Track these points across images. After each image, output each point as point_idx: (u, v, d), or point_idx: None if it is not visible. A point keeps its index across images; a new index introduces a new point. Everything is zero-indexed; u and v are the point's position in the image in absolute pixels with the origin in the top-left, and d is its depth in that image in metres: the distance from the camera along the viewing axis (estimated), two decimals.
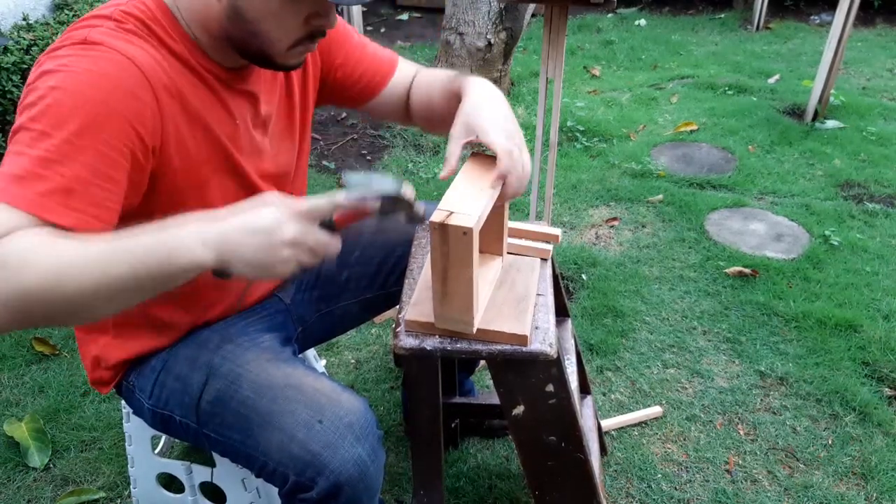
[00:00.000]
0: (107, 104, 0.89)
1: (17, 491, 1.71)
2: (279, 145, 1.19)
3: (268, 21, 0.96)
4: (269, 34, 0.97)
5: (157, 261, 0.83)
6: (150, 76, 0.93)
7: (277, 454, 1.06)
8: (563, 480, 1.21)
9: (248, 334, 1.23)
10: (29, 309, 0.79)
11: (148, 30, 0.97)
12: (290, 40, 0.99)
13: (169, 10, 0.99)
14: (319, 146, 3.50)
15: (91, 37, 0.91)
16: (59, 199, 0.84)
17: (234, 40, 0.99)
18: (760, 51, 4.91)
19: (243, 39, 0.98)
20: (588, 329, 2.21)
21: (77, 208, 0.85)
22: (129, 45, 0.93)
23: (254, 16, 0.95)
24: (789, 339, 2.19)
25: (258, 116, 1.13)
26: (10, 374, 2.04)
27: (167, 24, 0.98)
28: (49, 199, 0.84)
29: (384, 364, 2.10)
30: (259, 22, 0.95)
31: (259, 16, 0.95)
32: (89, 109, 0.87)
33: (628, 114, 3.82)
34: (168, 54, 0.98)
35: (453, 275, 0.96)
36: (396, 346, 1.05)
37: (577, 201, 2.96)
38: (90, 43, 0.91)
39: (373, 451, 1.08)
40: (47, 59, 0.91)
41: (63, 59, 0.90)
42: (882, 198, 3.01)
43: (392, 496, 1.70)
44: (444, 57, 3.67)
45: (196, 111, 1.02)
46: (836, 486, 1.72)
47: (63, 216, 0.84)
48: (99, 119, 0.88)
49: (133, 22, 0.96)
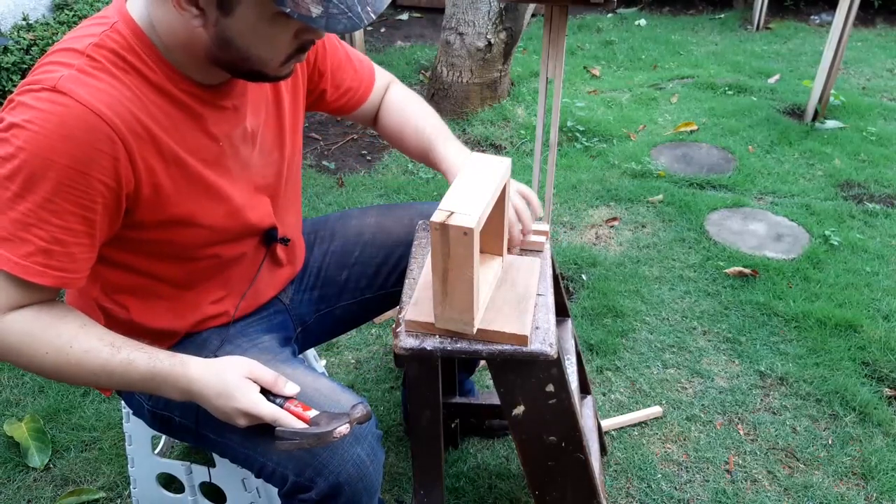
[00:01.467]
0: (76, 168, 0.90)
1: (17, 491, 1.71)
2: (268, 157, 1.17)
3: (258, 45, 0.94)
4: (261, 56, 0.95)
5: (142, 387, 1.02)
6: (118, 126, 0.92)
7: (276, 455, 1.06)
8: (563, 480, 1.21)
9: (248, 335, 1.23)
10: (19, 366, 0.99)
11: (123, 62, 0.95)
12: (281, 57, 0.97)
13: (146, 36, 0.96)
14: (319, 146, 3.50)
15: (60, 86, 0.90)
16: (39, 260, 0.92)
17: (223, 64, 0.97)
18: (760, 51, 4.91)
19: (234, 63, 0.97)
20: (588, 329, 2.21)
21: (56, 268, 0.94)
22: (100, 92, 0.91)
23: (243, 42, 0.93)
24: (789, 339, 2.19)
25: (245, 131, 1.11)
26: (10, 374, 2.04)
27: (143, 51, 0.96)
28: (31, 261, 0.92)
29: (384, 364, 2.10)
30: (249, 47, 0.94)
31: (249, 42, 0.93)
32: (59, 174, 0.89)
33: (628, 114, 3.82)
34: (144, 85, 0.96)
35: (454, 275, 0.96)
36: (397, 346, 1.05)
37: (577, 201, 2.96)
38: (59, 92, 0.89)
39: (372, 451, 1.08)
40: (18, 104, 0.91)
41: (32, 110, 0.89)
42: (882, 198, 3.01)
43: (392, 496, 1.70)
44: (444, 57, 3.67)
45: (170, 148, 1.00)
46: (836, 486, 1.72)
47: (44, 277, 0.93)
48: (69, 182, 0.90)
49: (106, 56, 0.94)
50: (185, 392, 1.02)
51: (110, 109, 0.92)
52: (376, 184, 3.10)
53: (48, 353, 0.95)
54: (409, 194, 3.02)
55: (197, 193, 1.05)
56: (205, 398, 1.01)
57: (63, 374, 0.97)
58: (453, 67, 3.64)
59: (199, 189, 1.05)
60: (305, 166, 3.30)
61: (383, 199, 3.00)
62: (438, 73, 3.70)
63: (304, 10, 0.85)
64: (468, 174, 1.03)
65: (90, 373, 0.97)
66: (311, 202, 2.94)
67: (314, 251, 1.44)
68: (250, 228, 1.17)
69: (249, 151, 1.12)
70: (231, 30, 0.91)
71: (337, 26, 0.87)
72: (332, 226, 1.46)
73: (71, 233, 0.93)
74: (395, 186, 3.07)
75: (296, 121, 1.23)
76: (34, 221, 0.90)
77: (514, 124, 3.63)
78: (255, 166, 1.14)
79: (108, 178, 0.93)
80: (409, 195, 3.01)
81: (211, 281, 1.18)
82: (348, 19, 0.87)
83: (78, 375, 0.98)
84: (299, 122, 1.24)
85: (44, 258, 0.92)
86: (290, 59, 0.99)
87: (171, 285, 1.14)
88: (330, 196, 2.99)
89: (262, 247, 1.22)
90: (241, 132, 1.10)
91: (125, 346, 0.99)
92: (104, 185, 0.93)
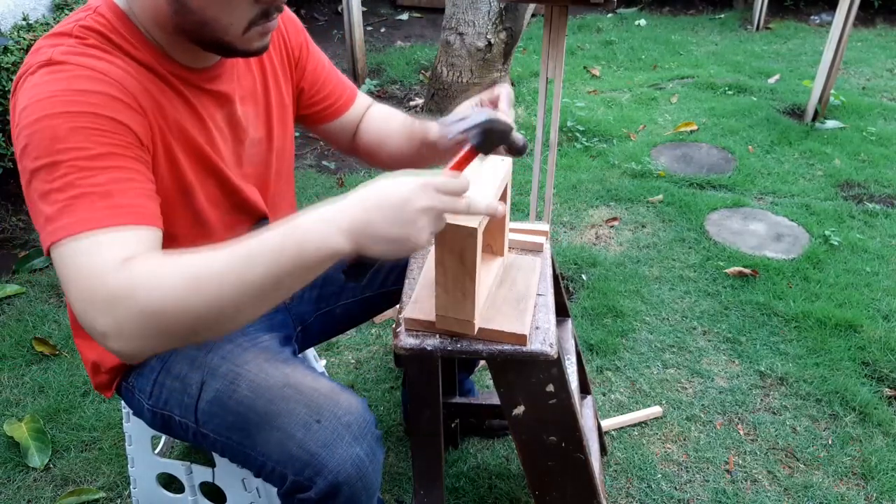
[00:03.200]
0: (97, 112, 0.87)
1: (17, 491, 1.71)
2: (255, 147, 1.17)
3: (213, 7, 0.90)
4: (219, 20, 0.92)
5: (290, 256, 0.82)
6: (124, 87, 0.91)
7: (276, 454, 1.06)
8: (563, 480, 1.21)
9: (248, 334, 1.23)
10: (168, 327, 0.81)
11: (110, 42, 0.94)
12: (242, 23, 0.94)
13: (127, 17, 0.96)
14: (319, 146, 3.50)
15: (54, 57, 0.88)
16: (104, 205, 0.85)
17: (187, 33, 0.95)
18: (760, 51, 4.91)
19: (194, 31, 0.94)
20: (588, 329, 2.21)
21: (124, 205, 0.86)
22: (97, 60, 0.91)
23: (198, 4, 0.90)
24: (789, 339, 2.19)
25: (233, 117, 1.11)
26: (10, 374, 2.04)
27: (127, 32, 0.96)
28: (100, 209, 0.84)
29: (384, 364, 2.10)
30: (204, 9, 0.91)
31: (203, 3, 0.90)
32: (82, 122, 0.86)
33: (628, 114, 3.82)
34: (135, 64, 0.95)
35: (457, 275, 0.96)
36: (397, 345, 1.05)
37: (577, 201, 2.96)
38: (55, 63, 0.88)
39: (371, 451, 1.08)
40: (20, 94, 0.89)
41: (35, 88, 0.87)
42: (882, 198, 3.01)
43: (392, 496, 1.70)
44: (444, 57, 3.67)
45: (174, 118, 1.00)
46: (836, 486, 1.72)
47: (121, 217, 0.85)
48: (96, 126, 0.87)
49: (94, 36, 0.93)
50: (343, 224, 0.83)
51: (112, 75, 0.91)
52: None
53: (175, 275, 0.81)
54: None
55: (199, 166, 1.06)
56: (365, 220, 0.83)
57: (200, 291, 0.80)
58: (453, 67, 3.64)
59: (201, 163, 1.06)
60: (305, 166, 3.30)
61: None
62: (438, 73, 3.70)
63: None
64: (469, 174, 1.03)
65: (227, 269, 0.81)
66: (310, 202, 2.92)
67: None
68: (245, 204, 1.17)
69: (236, 138, 1.13)
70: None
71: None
72: None
73: (120, 171, 0.88)
74: None
75: (284, 112, 1.22)
76: (79, 175, 0.85)
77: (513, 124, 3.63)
78: (241, 154, 1.15)
79: (131, 123, 0.91)
80: None
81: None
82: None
83: (218, 286, 0.80)
84: (288, 115, 1.24)
85: (105, 201, 0.85)
86: (255, 27, 0.95)
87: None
88: (330, 196, 2.97)
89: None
90: (227, 117, 1.10)
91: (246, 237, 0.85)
92: (130, 129, 0.90)
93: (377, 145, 1.31)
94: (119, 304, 0.80)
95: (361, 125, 1.35)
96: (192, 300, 0.80)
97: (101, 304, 0.80)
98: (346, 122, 1.33)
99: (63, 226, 0.83)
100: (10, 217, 2.78)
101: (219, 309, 0.81)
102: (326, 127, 1.33)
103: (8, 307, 2.31)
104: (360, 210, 0.84)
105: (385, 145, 1.30)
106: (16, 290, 2.37)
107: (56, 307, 2.31)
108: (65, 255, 0.83)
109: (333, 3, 5.37)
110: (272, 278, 0.82)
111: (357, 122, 1.35)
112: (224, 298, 0.81)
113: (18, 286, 2.39)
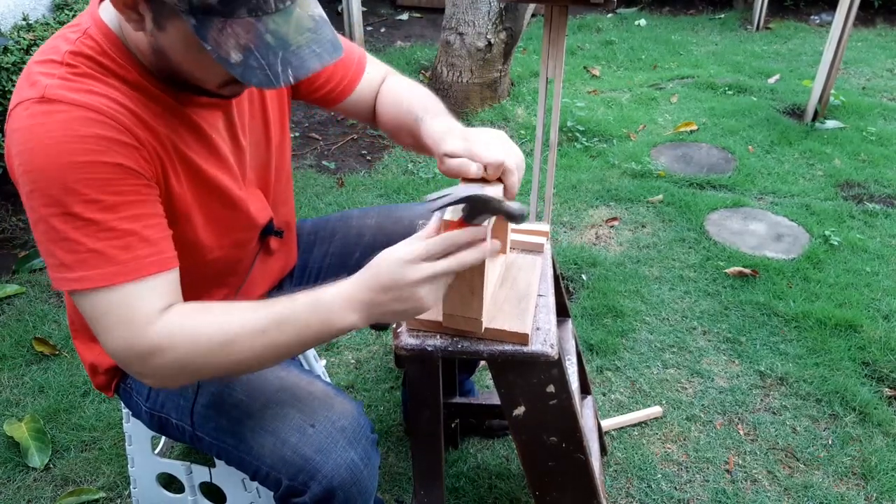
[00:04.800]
0: (101, 161, 0.87)
1: (17, 491, 1.71)
2: (255, 149, 1.16)
3: (189, 65, 0.91)
4: (194, 76, 0.93)
5: (315, 330, 0.92)
6: (121, 120, 0.90)
7: (270, 458, 1.06)
8: (563, 481, 1.21)
9: None
10: (198, 375, 0.95)
11: (101, 67, 0.93)
12: (216, 81, 0.94)
13: (118, 39, 0.94)
14: (319, 146, 3.50)
15: (48, 94, 0.88)
16: (127, 258, 0.89)
17: (162, 73, 0.95)
18: (760, 51, 4.91)
19: (171, 75, 0.94)
20: (588, 329, 2.21)
21: (144, 255, 0.91)
22: (89, 94, 0.90)
23: (175, 59, 0.90)
24: (789, 339, 2.19)
25: (231, 123, 1.09)
26: (10, 374, 2.04)
27: (117, 54, 0.94)
28: (123, 263, 0.89)
29: (384, 364, 2.10)
30: (181, 64, 0.91)
31: (181, 59, 0.90)
32: (89, 173, 0.87)
33: (628, 114, 3.82)
34: (127, 88, 0.94)
35: (465, 273, 0.96)
36: (397, 346, 1.05)
37: (577, 201, 2.96)
38: (48, 101, 0.87)
39: (366, 455, 1.07)
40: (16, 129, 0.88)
41: (32, 131, 0.86)
42: (882, 198, 3.01)
43: (392, 496, 1.70)
44: (444, 57, 3.67)
45: (171, 142, 0.99)
46: (836, 486, 1.72)
47: (144, 268, 0.91)
48: (104, 175, 0.88)
49: (85, 63, 0.92)
50: (357, 307, 0.92)
51: (104, 106, 0.90)
52: (376, 184, 3.09)
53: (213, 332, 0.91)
54: (409, 194, 3.02)
55: (197, 186, 1.04)
56: (374, 302, 0.91)
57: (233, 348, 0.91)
58: (453, 67, 3.63)
59: (198, 181, 1.04)
60: (305, 166, 3.30)
61: (383, 199, 3.00)
62: (438, 73, 3.70)
63: (224, 53, 0.82)
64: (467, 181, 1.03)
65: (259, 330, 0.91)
66: (311, 202, 2.94)
67: (314, 252, 1.44)
68: (251, 222, 1.16)
69: (237, 144, 1.11)
70: (164, 44, 0.89)
71: (252, 79, 0.83)
72: (333, 227, 1.46)
73: (134, 220, 0.90)
74: (395, 186, 3.07)
75: (281, 111, 1.21)
76: (96, 228, 0.87)
77: (514, 124, 3.63)
78: (244, 159, 1.13)
79: (132, 163, 0.91)
80: (409, 195, 3.01)
81: (209, 285, 1.18)
82: (265, 76, 0.83)
83: (251, 345, 0.91)
84: (285, 114, 1.23)
85: (128, 254, 0.89)
86: (227, 85, 0.95)
87: None
88: (330, 196, 2.99)
89: (258, 240, 1.22)
90: (227, 124, 1.09)
91: (270, 302, 0.94)
92: (132, 169, 0.91)
93: (395, 131, 1.28)
94: (157, 355, 0.90)
95: (378, 106, 1.30)
96: (224, 358, 0.91)
97: (141, 354, 0.90)
98: (358, 99, 1.29)
99: (88, 277, 0.88)
100: (10, 217, 2.78)
101: (246, 366, 0.95)
102: (338, 107, 1.30)
103: (8, 307, 2.31)
104: (367, 293, 0.92)
105: (401, 134, 1.27)
106: (16, 290, 2.37)
107: (56, 307, 2.31)
108: (97, 306, 0.89)
109: (333, 4, 5.36)
110: (297, 346, 0.94)
111: (371, 98, 1.30)
112: (252, 359, 0.93)
113: (18, 286, 2.39)
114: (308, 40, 0.86)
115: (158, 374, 0.92)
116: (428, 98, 1.25)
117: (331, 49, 0.88)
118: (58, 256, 0.88)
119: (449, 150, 1.01)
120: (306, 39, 0.86)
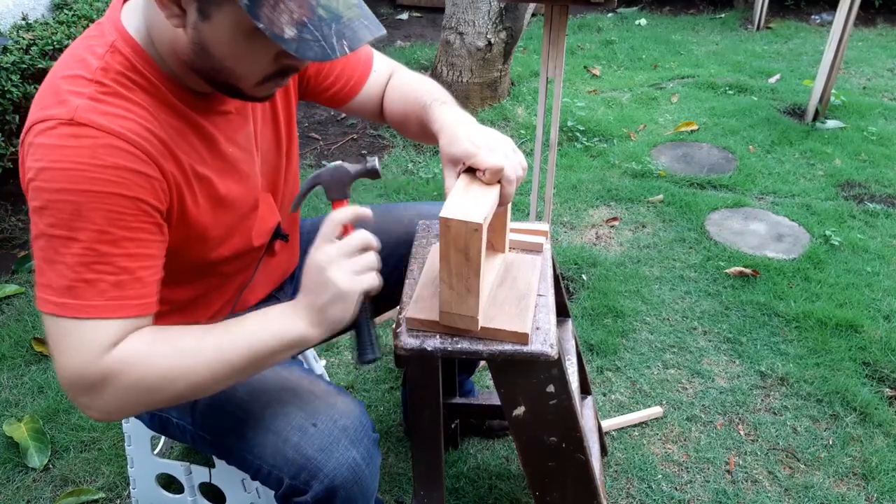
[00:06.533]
0: (118, 193, 0.88)
1: (17, 491, 1.71)
2: (267, 154, 1.17)
3: (233, 58, 0.90)
4: (236, 72, 0.92)
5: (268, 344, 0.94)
6: (144, 147, 0.91)
7: (272, 458, 1.06)
8: (563, 481, 1.20)
9: None
10: (150, 403, 0.93)
11: (130, 82, 0.93)
12: (258, 77, 0.94)
13: (144, 51, 0.94)
14: (319, 146, 3.50)
15: (79, 116, 0.88)
16: (114, 295, 0.89)
17: (200, 73, 0.94)
18: (761, 50, 4.91)
19: (209, 74, 0.94)
20: (588, 329, 2.21)
21: (132, 296, 0.91)
22: (118, 117, 0.90)
23: (218, 52, 0.89)
24: (790, 340, 2.18)
25: (249, 133, 1.10)
26: (10, 374, 2.04)
27: (145, 68, 0.94)
28: (106, 298, 0.89)
29: (384, 364, 2.09)
30: (224, 59, 0.90)
31: (224, 52, 0.89)
32: (103, 203, 0.87)
33: (628, 114, 3.82)
34: (152, 103, 0.94)
35: (461, 271, 0.96)
36: (397, 346, 1.05)
37: (577, 201, 2.96)
38: (77, 124, 0.87)
39: (367, 455, 1.07)
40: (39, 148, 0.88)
41: (56, 151, 0.87)
42: (882, 198, 3.01)
43: (392, 496, 1.69)
44: (444, 57, 3.67)
45: (189, 164, 0.99)
46: (837, 487, 1.72)
47: (124, 310, 0.90)
48: (116, 208, 0.88)
49: (114, 79, 0.92)
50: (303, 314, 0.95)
51: (132, 132, 0.90)
52: (376, 184, 3.09)
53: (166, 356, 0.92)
54: (409, 194, 3.01)
55: (212, 204, 1.05)
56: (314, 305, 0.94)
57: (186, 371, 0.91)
58: (453, 67, 3.63)
59: (214, 200, 1.05)
60: (305, 166, 3.30)
61: (383, 198, 3.00)
62: (438, 72, 3.69)
63: (278, 30, 0.82)
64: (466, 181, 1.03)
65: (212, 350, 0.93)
66: (311, 202, 2.94)
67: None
68: (262, 229, 1.17)
69: (254, 152, 1.12)
70: (208, 36, 0.88)
71: (308, 52, 0.84)
72: None
73: (134, 258, 0.91)
74: (395, 186, 3.07)
75: (289, 114, 1.21)
76: (94, 258, 0.88)
77: (514, 124, 3.63)
78: (256, 164, 1.14)
79: (150, 197, 0.92)
80: (409, 195, 3.01)
81: (212, 296, 1.18)
82: (321, 48, 0.84)
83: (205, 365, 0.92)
84: (293, 115, 1.23)
85: (117, 291, 0.90)
86: (268, 82, 0.95)
87: (173, 307, 1.13)
88: None
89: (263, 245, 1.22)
90: (246, 134, 1.09)
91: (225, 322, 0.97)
92: (148, 204, 0.92)
93: (402, 121, 1.29)
94: (108, 384, 0.89)
95: (385, 103, 1.31)
96: (181, 380, 0.91)
97: (90, 384, 0.89)
98: (365, 99, 1.30)
99: (70, 306, 0.88)
100: (9, 217, 2.78)
101: (202, 388, 0.94)
102: (346, 107, 1.31)
103: (7, 307, 2.31)
104: (303, 297, 0.95)
105: (408, 123, 1.27)
106: (15, 290, 2.37)
107: None
108: (65, 329, 0.89)
109: None
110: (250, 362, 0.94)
111: (378, 97, 1.31)
112: (208, 379, 0.92)
113: (18, 286, 2.39)
114: (356, 15, 0.88)
115: (107, 407, 0.91)
116: (436, 88, 1.26)
117: (377, 24, 0.90)
118: (48, 277, 0.88)
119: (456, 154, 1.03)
120: (355, 14, 0.88)
